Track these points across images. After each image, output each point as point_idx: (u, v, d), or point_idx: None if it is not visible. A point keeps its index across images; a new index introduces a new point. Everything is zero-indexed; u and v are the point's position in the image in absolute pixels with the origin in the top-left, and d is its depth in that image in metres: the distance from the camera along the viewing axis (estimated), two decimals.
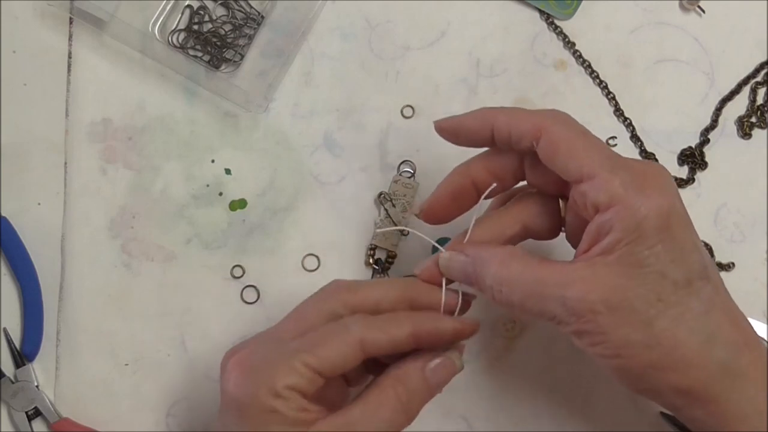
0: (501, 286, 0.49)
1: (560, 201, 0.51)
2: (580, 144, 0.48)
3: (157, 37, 0.66)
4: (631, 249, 0.46)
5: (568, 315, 0.46)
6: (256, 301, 0.64)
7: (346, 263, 0.64)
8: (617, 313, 0.46)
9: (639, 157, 0.65)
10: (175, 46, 0.66)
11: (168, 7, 0.66)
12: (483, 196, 0.53)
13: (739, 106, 0.66)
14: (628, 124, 0.66)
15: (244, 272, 0.64)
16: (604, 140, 0.65)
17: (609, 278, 0.46)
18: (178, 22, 0.66)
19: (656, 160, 0.65)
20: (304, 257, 0.64)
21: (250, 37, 0.66)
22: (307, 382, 0.47)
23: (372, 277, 0.64)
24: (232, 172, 0.65)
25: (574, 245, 0.51)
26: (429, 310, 0.52)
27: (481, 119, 0.51)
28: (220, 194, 0.65)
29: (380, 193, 0.64)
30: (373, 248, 0.64)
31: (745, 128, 0.66)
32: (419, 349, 0.51)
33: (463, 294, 0.52)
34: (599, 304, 0.46)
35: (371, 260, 0.64)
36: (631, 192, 0.46)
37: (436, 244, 0.53)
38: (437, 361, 0.50)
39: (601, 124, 0.66)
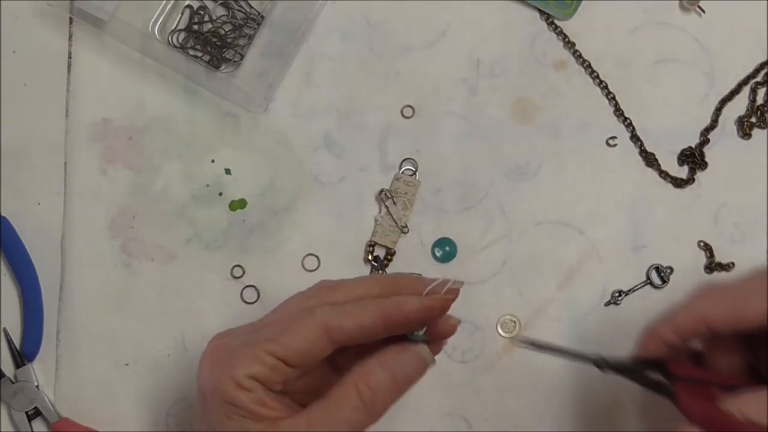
0: None
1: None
2: None
3: (157, 37, 0.66)
4: None
5: None
6: (256, 301, 0.64)
7: (346, 263, 0.64)
8: None
9: (639, 157, 0.65)
10: (175, 46, 0.66)
11: (168, 7, 0.66)
12: None
13: (739, 106, 0.66)
14: (628, 124, 0.66)
15: (244, 272, 0.64)
16: (604, 140, 0.66)
17: None
18: (178, 22, 0.66)
19: (656, 160, 0.65)
20: (304, 257, 0.64)
21: (250, 37, 0.66)
22: (270, 371, 0.47)
23: (370, 274, 0.64)
24: (232, 172, 0.65)
25: None
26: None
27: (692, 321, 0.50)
28: (220, 194, 0.65)
29: (381, 190, 0.64)
30: (372, 245, 0.64)
31: (745, 128, 0.66)
32: (393, 336, 0.49)
33: (450, 286, 0.50)
34: None
35: (370, 257, 0.64)
36: None
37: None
38: (404, 356, 0.49)
39: (601, 124, 0.66)
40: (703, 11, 0.67)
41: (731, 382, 0.50)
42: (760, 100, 0.66)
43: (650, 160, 0.65)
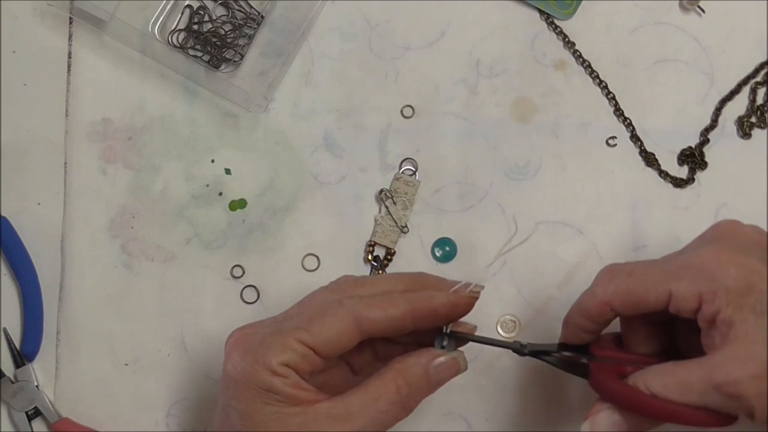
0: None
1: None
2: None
3: (157, 37, 0.66)
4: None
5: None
6: (256, 301, 0.64)
7: (345, 263, 0.64)
8: None
9: (639, 157, 0.65)
10: (175, 46, 0.66)
11: (168, 7, 0.66)
12: None
13: (739, 106, 0.66)
14: (628, 124, 0.66)
15: (244, 272, 0.64)
16: (604, 140, 0.66)
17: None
18: (178, 22, 0.66)
19: (656, 160, 0.65)
20: (304, 257, 0.64)
21: (250, 37, 0.66)
22: (302, 359, 0.48)
23: (370, 274, 0.64)
24: (232, 172, 0.65)
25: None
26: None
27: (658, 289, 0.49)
28: (220, 194, 0.65)
29: (381, 190, 0.64)
30: (372, 245, 0.64)
31: (744, 128, 0.66)
32: (420, 330, 0.51)
33: (472, 288, 0.52)
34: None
35: (370, 257, 0.64)
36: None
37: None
38: (441, 359, 0.51)
39: (601, 124, 0.66)
40: (703, 11, 0.67)
41: (647, 362, 0.50)
42: (760, 100, 0.66)
43: (650, 160, 0.65)
